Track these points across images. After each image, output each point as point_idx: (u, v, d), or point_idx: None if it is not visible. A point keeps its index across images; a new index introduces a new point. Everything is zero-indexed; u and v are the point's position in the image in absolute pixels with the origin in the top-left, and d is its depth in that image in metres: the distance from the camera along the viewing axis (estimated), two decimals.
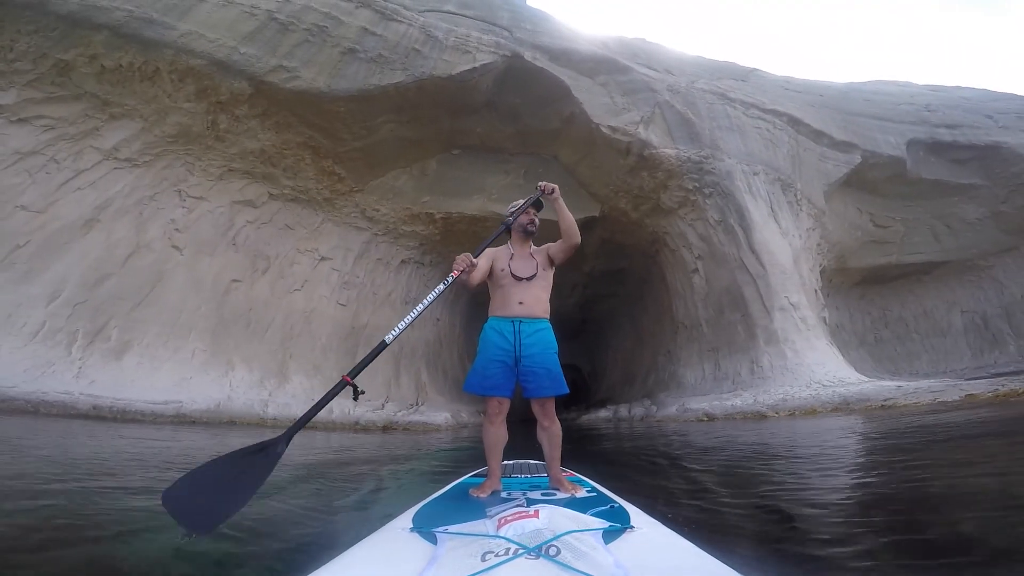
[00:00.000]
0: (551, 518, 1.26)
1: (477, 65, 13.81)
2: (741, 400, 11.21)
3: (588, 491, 1.95)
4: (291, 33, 12.47)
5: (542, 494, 1.88)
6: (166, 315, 12.95)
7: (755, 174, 15.60)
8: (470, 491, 1.94)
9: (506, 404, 2.13)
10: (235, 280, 14.35)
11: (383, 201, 16.27)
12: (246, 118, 12.82)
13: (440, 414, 16.75)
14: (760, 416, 10.20)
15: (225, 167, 13.60)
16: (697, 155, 15.16)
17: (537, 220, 2.28)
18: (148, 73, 12.00)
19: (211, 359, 13.24)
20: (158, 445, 6.08)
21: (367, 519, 2.41)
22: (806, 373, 11.48)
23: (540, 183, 2.20)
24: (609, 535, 1.19)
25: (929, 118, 23.24)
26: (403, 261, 18.49)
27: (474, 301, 22.69)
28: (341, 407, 15.03)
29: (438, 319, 21.17)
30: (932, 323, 22.87)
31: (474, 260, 2.12)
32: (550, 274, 2.30)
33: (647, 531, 1.28)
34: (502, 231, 2.28)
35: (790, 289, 13.22)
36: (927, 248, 22.11)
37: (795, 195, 16.70)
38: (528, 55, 14.51)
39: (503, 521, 1.26)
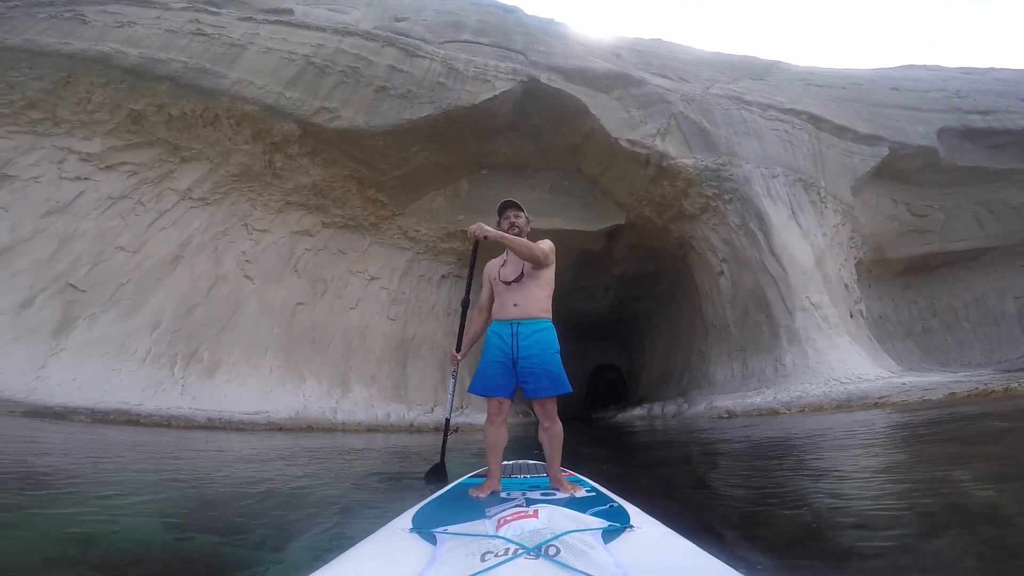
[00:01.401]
0: (550, 518, 1.31)
1: (497, 93, 15.57)
2: (761, 398, 12.46)
3: (588, 491, 2.02)
4: (328, 76, 14.68)
5: (541, 494, 1.95)
6: (245, 337, 15.39)
7: (774, 177, 16.63)
8: (469, 491, 2.01)
9: (506, 404, 2.26)
10: (299, 303, 16.72)
11: (422, 222, 18.31)
12: (298, 156, 15.17)
13: (483, 415, 18.63)
14: (773, 413, 11.44)
15: (283, 200, 15.98)
16: (714, 163, 16.36)
17: (483, 232, 2.28)
18: (209, 119, 14.46)
19: (286, 374, 15.61)
20: (281, 446, 8.17)
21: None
22: (826, 371, 12.58)
23: (468, 231, 2.32)
24: (608, 535, 1.24)
25: (960, 105, 23.27)
26: (443, 276, 20.51)
27: None
28: (397, 412, 17.22)
29: None
30: (984, 310, 22.86)
31: (458, 356, 2.49)
32: (543, 273, 2.34)
33: (647, 531, 1.32)
34: (473, 254, 2.54)
35: (811, 289, 14.27)
36: (971, 235, 22.17)
37: (819, 193, 17.55)
38: (544, 78, 16.13)
39: (503, 521, 1.32)
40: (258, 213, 15.60)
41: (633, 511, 1.56)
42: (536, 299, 2.31)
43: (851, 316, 16.04)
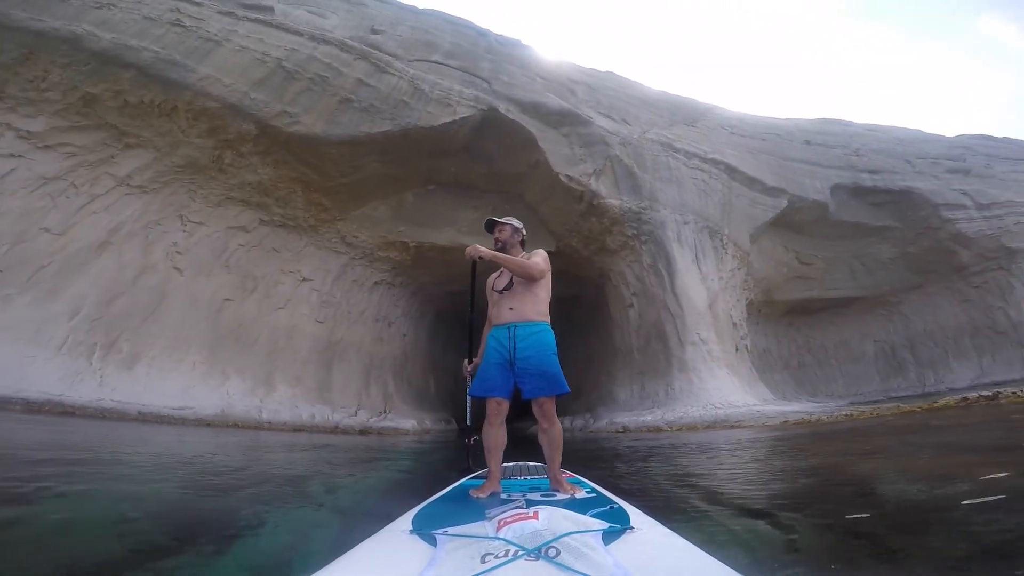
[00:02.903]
0: (550, 519, 1.40)
1: (457, 118, 17.98)
2: (651, 416, 16.03)
3: (588, 492, 2.21)
4: (296, 81, 16.28)
5: (542, 495, 2.12)
6: (169, 330, 16.44)
7: (686, 223, 20.63)
8: (470, 492, 2.19)
9: (505, 405, 2.47)
10: (227, 299, 17.95)
11: (362, 229, 20.20)
12: (249, 155, 16.62)
13: (408, 421, 20.87)
14: (658, 429, 14.97)
15: (224, 195, 17.25)
16: (637, 206, 19.99)
17: (477, 253, 2.60)
18: (166, 110, 15.52)
19: (209, 370, 16.83)
20: (215, 443, 10.04)
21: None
22: (704, 396, 16.45)
23: (465, 253, 2.67)
24: (609, 536, 1.34)
25: (856, 163, 29.17)
26: (376, 282, 22.45)
27: (439, 318, 26.86)
28: (322, 414, 18.95)
29: (405, 335, 25.20)
30: (848, 351, 28.98)
31: (468, 367, 2.78)
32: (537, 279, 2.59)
33: (647, 532, 1.43)
34: (472, 275, 2.88)
35: (702, 327, 18.25)
36: (845, 284, 28.08)
37: (722, 240, 21.88)
38: (503, 108, 18.77)
39: (503, 523, 1.42)
40: (196, 205, 16.68)
41: (633, 512, 1.67)
42: (531, 303, 2.59)
43: (736, 350, 20.37)
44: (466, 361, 2.86)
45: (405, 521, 1.67)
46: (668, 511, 3.20)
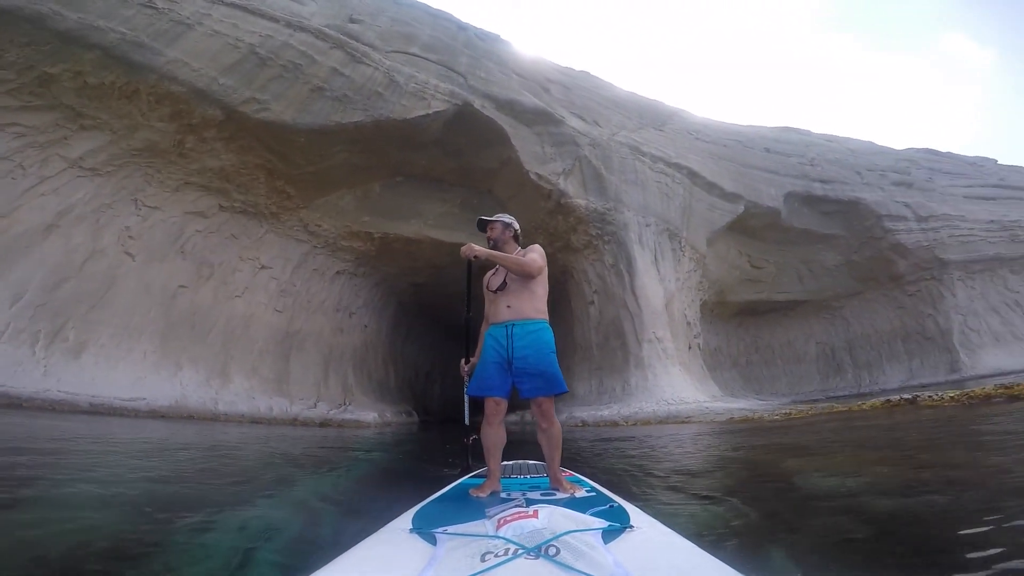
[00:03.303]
0: (550, 518, 1.45)
1: (431, 112, 18.25)
2: (609, 411, 17.11)
3: (587, 491, 2.26)
4: (268, 68, 16.17)
5: (541, 494, 2.17)
6: (118, 318, 16.15)
7: (647, 225, 21.76)
8: (470, 492, 2.26)
9: (503, 405, 2.53)
10: (182, 286, 17.73)
11: (326, 218, 20.26)
12: (212, 140, 16.45)
13: (368, 413, 21.20)
14: (615, 424, 16.04)
15: (183, 180, 17.00)
16: (603, 207, 20.93)
17: (472, 252, 2.68)
18: (128, 92, 15.16)
19: (161, 360, 16.66)
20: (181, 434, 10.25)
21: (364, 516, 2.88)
22: (658, 392, 17.66)
23: (460, 252, 2.74)
24: (608, 535, 1.38)
25: (810, 172, 31.16)
26: (338, 272, 22.55)
27: (401, 309, 27.15)
28: (280, 406, 19.05)
29: (366, 326, 25.40)
30: (792, 352, 31.22)
31: (466, 367, 2.83)
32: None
33: (646, 531, 1.47)
34: (468, 274, 2.94)
35: (658, 326, 19.46)
36: (792, 288, 30.18)
37: (680, 243, 23.18)
38: (478, 103, 19.14)
39: (503, 521, 1.46)
40: (152, 189, 16.38)
41: (633, 511, 1.73)
42: (528, 300, 2.63)
43: (689, 348, 21.77)
44: (463, 360, 2.91)
45: (405, 520, 1.71)
46: (619, 494, 3.90)
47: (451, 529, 1.51)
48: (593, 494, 2.22)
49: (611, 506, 1.85)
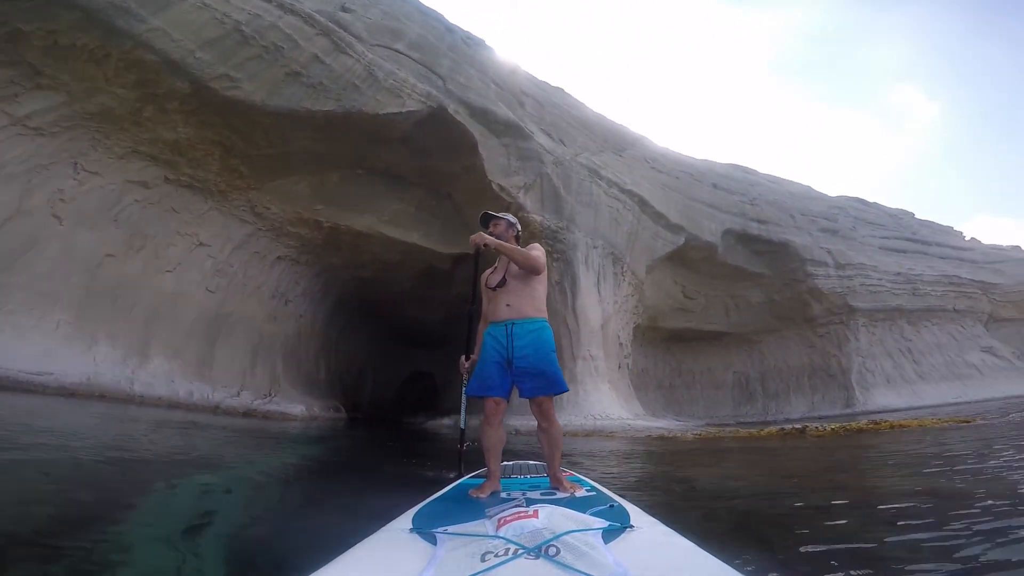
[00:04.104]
0: (550, 518, 1.49)
1: (404, 110, 18.89)
2: (521, 420, 18.47)
3: (588, 491, 2.34)
4: (249, 47, 16.27)
5: (541, 494, 2.25)
6: (33, 282, 15.52)
7: (595, 248, 23.51)
8: (470, 492, 2.34)
9: (503, 405, 2.64)
10: (109, 255, 17.21)
11: (276, 201, 20.31)
12: (173, 112, 16.39)
13: (296, 406, 21.31)
14: None
15: (131, 148, 16.67)
16: (556, 225, 22.42)
17: (483, 240, 2.74)
18: (98, 56, 14.96)
19: (75, 332, 16.11)
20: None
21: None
22: (587, 407, 19.29)
23: (470, 240, 2.81)
24: (609, 534, 1.42)
25: (749, 211, 34.35)
26: (279, 257, 22.50)
27: (340, 301, 27.29)
28: (201, 391, 18.79)
29: (301, 315, 25.36)
30: (711, 378, 34.38)
31: (466, 363, 2.90)
32: (531, 275, 2.76)
33: (647, 530, 1.52)
34: (475, 263, 3.00)
35: (593, 345, 21.19)
36: (718, 321, 33.28)
37: (622, 267, 25.17)
38: (452, 108, 19.94)
39: (503, 521, 1.51)
40: (95, 155, 15.94)
41: (633, 511, 1.78)
42: (528, 298, 2.70)
43: (619, 367, 23.70)
44: (463, 357, 2.94)
45: (405, 520, 1.77)
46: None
47: (451, 529, 1.56)
48: (593, 494, 2.32)
49: (611, 506, 1.92)
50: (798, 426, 17.14)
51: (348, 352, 30.52)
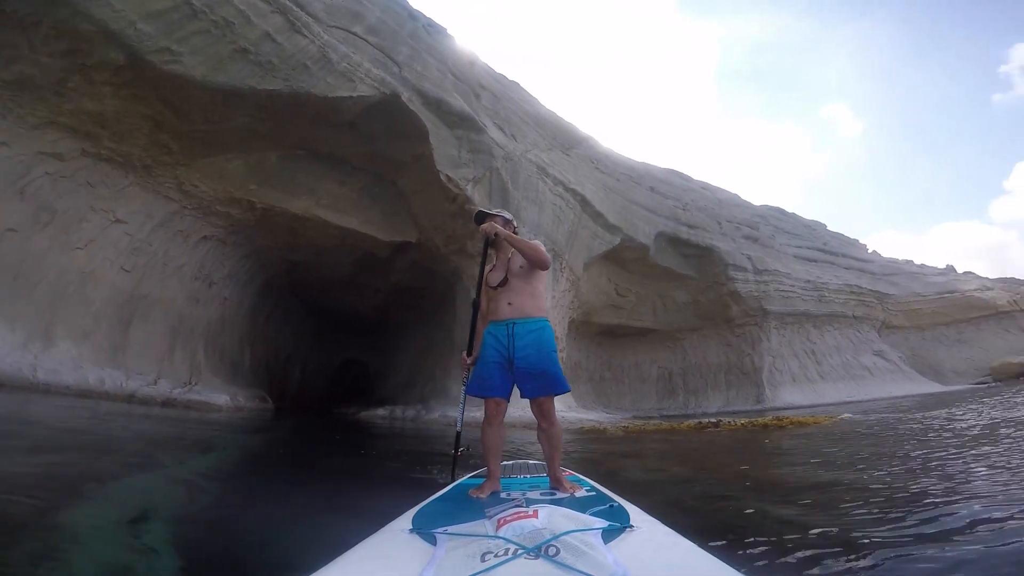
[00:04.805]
0: (550, 518, 1.54)
1: (355, 95, 18.65)
2: (479, 413, 19.16)
3: (587, 491, 2.40)
4: (198, 21, 15.43)
5: (541, 494, 2.31)
6: None
7: None
8: (469, 492, 2.41)
9: (503, 405, 2.73)
10: (11, 229, 15.91)
11: (206, 179, 19.55)
12: (102, 84, 15.42)
13: (220, 396, 20.73)
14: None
15: (48, 119, 15.57)
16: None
17: (494, 229, 2.84)
18: (28, 23, 13.79)
19: None
20: None
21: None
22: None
23: (480, 230, 2.89)
24: (608, 535, 1.46)
25: (681, 216, 36.84)
26: (205, 237, 21.63)
27: (268, 285, 26.61)
28: (113, 379, 17.90)
29: (226, 298, 24.52)
30: (638, 373, 36.88)
31: (468, 359, 2.96)
32: (534, 272, 2.83)
33: (647, 530, 1.56)
34: (484, 254, 3.03)
35: None
36: (647, 318, 35.71)
37: (562, 264, 26.42)
38: (406, 96, 19.84)
39: (502, 521, 1.54)
40: (6, 124, 14.74)
41: (633, 511, 1.82)
42: (529, 297, 2.77)
43: (563, 360, 25.01)
44: (465, 353, 3.02)
45: (405, 520, 1.79)
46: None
47: (451, 529, 1.59)
48: (593, 494, 2.37)
49: (611, 506, 1.96)
50: (713, 420, 19.33)
51: (275, 338, 29.76)
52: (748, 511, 4.03)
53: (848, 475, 5.53)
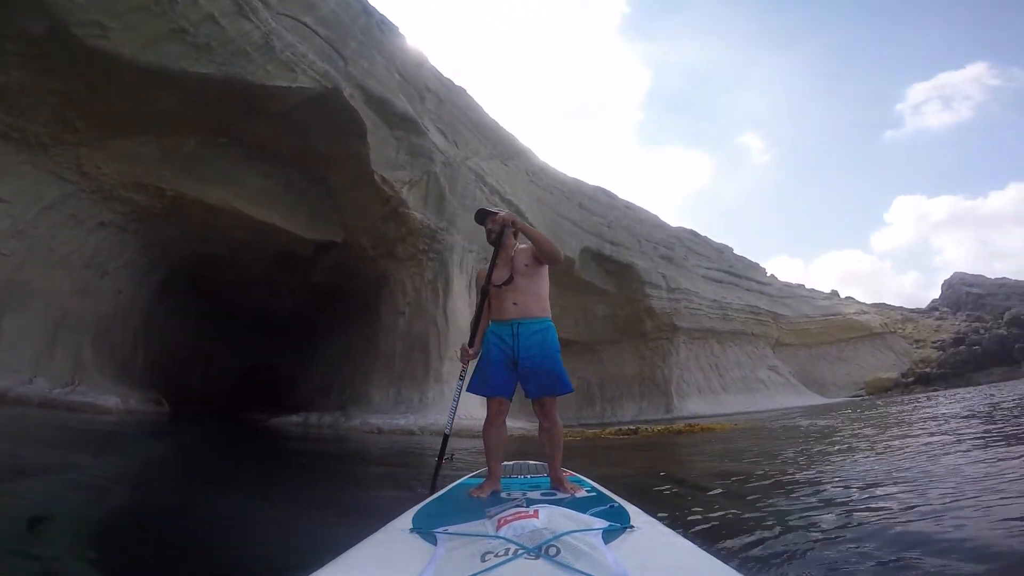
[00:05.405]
0: (551, 518, 1.56)
1: (294, 85, 18.16)
2: (405, 421, 19.35)
3: (588, 491, 2.44)
4: None
5: (542, 494, 2.35)
6: None
7: (470, 251, 25.06)
8: (470, 491, 2.44)
9: (506, 405, 2.74)
10: None
11: (112, 162, 18.22)
12: (11, 54, 14.16)
13: (108, 397, 19.09)
14: (411, 433, 18.36)
15: None
16: (436, 225, 23.48)
17: (498, 229, 2.91)
18: None
19: None
20: None
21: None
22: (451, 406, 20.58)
23: (497, 217, 2.94)
24: (609, 535, 1.48)
25: (605, 233, 38.94)
26: (101, 223, 20.00)
27: (171, 277, 24.99)
28: None
29: (120, 291, 22.62)
30: None
31: (471, 351, 2.94)
32: (539, 270, 2.91)
33: (647, 531, 1.59)
34: (498, 242, 3.00)
35: (459, 345, 22.54)
36: (570, 330, 37.29)
37: None
38: (348, 92, 19.56)
39: (503, 521, 1.56)
40: None
41: (633, 511, 1.85)
42: (534, 297, 2.84)
43: None
44: (466, 344, 3.03)
45: (405, 520, 1.82)
46: (401, 489, 5.43)
47: (451, 529, 1.61)
48: (593, 494, 2.41)
49: (611, 506, 1.99)
50: (632, 427, 20.76)
51: (173, 337, 27.66)
52: (667, 493, 5.27)
53: (746, 466, 7.04)
